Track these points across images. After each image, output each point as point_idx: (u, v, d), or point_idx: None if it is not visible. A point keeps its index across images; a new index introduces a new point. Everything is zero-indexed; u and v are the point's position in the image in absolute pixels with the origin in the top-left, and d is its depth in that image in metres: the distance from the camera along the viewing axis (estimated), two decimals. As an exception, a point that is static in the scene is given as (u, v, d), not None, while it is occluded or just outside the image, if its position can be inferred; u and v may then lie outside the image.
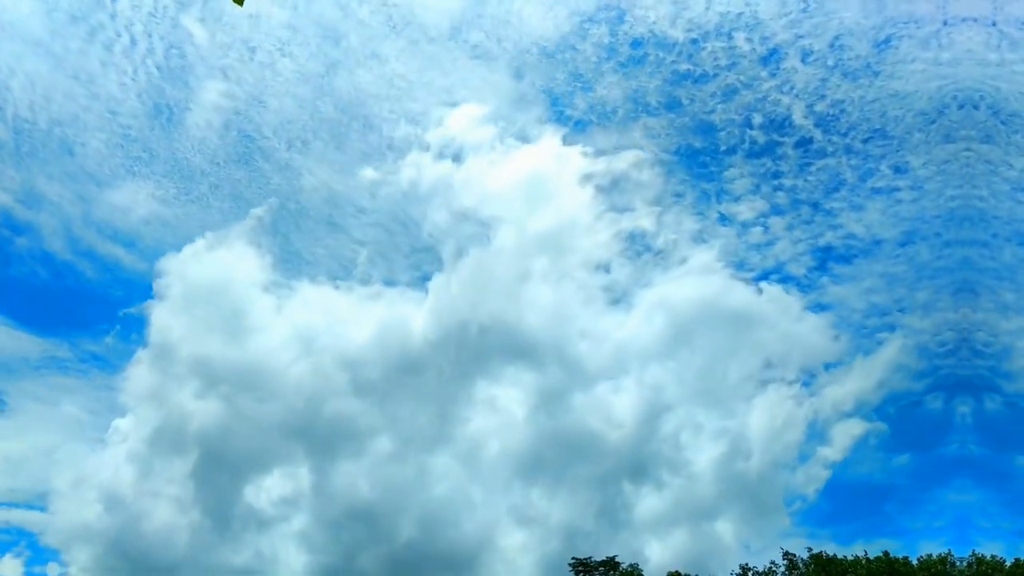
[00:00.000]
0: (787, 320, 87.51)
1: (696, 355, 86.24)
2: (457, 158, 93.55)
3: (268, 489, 78.10)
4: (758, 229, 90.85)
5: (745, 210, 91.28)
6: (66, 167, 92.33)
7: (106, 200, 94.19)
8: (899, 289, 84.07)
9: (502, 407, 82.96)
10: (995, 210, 73.81)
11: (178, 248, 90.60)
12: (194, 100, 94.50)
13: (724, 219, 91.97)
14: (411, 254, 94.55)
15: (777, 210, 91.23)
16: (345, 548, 74.18)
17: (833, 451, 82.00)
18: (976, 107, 75.68)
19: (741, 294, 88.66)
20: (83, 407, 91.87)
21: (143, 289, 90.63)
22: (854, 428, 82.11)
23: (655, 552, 72.96)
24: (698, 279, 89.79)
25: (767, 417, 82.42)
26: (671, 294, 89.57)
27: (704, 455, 79.94)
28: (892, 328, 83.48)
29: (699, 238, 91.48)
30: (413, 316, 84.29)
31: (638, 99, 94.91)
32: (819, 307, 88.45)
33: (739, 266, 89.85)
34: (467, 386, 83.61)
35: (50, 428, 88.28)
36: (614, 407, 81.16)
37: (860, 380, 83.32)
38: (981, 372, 68.23)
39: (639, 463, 79.75)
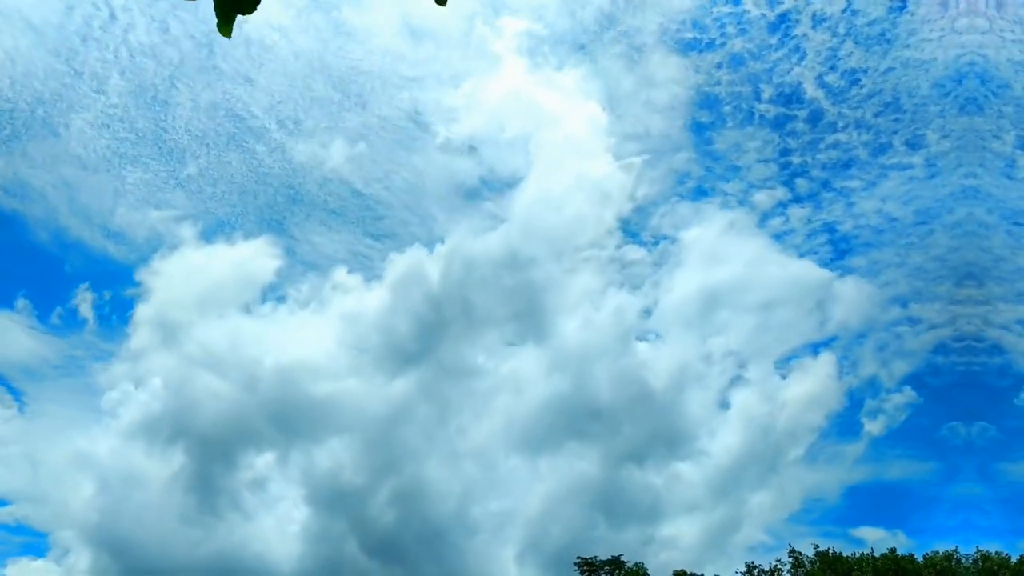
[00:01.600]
0: (805, 293, 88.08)
1: (720, 331, 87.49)
2: (462, 127, 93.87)
3: (263, 474, 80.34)
4: (766, 209, 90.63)
5: (753, 190, 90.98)
6: (51, 149, 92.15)
7: (93, 185, 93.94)
8: (910, 276, 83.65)
9: (510, 383, 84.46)
10: (988, 187, 73.08)
11: (169, 236, 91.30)
12: (179, 78, 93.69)
13: (731, 198, 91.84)
14: (415, 228, 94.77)
15: (788, 188, 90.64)
16: (340, 533, 76.03)
17: (867, 429, 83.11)
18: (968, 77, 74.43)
19: (758, 272, 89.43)
20: (81, 402, 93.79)
21: (137, 280, 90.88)
22: (886, 408, 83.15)
23: (667, 538, 74.47)
24: (708, 259, 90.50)
25: (797, 397, 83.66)
26: (684, 271, 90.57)
27: (727, 436, 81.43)
28: (911, 321, 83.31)
29: (706, 217, 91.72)
30: (420, 287, 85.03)
31: (641, 70, 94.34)
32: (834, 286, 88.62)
33: (750, 245, 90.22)
34: (475, 360, 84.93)
35: (56, 425, 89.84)
36: (632, 383, 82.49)
37: (893, 358, 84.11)
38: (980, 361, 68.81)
39: (656, 443, 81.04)
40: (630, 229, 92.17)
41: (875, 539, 77.82)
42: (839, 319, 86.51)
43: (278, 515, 79.09)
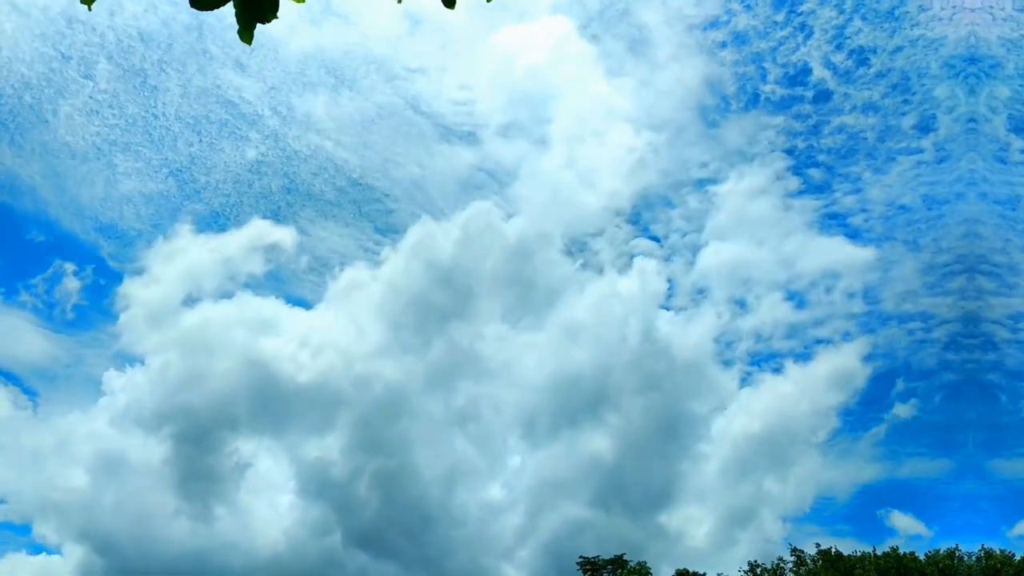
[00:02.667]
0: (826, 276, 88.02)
1: (741, 309, 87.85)
2: (466, 112, 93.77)
3: (256, 463, 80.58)
4: (776, 194, 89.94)
5: (761, 174, 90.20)
6: (39, 137, 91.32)
7: (84, 175, 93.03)
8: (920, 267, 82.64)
9: (515, 367, 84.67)
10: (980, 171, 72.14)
11: (161, 226, 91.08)
12: (168, 62, 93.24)
13: (740, 182, 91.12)
14: (417, 212, 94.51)
15: (797, 175, 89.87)
16: (332, 523, 75.93)
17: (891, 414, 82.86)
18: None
19: (772, 255, 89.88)
20: (85, 396, 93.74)
21: (128, 269, 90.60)
22: (901, 400, 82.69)
23: (677, 529, 74.35)
24: (723, 241, 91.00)
25: (815, 383, 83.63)
26: (702, 253, 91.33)
27: (742, 422, 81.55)
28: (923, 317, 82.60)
29: (714, 201, 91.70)
30: (426, 269, 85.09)
31: (643, 49, 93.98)
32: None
33: (762, 227, 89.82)
34: (481, 343, 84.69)
35: (64, 422, 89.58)
36: (640, 369, 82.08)
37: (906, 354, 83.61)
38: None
39: (668, 430, 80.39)
40: (642, 215, 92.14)
41: (904, 526, 77.15)
42: (858, 305, 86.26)
43: (273, 505, 79.23)
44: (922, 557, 49.98)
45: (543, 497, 76.90)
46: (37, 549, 79.58)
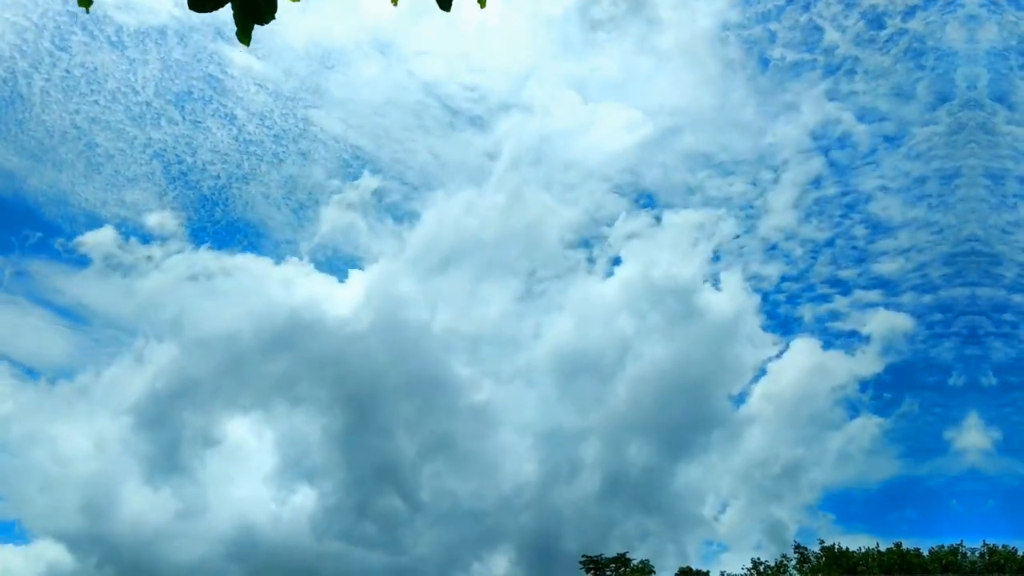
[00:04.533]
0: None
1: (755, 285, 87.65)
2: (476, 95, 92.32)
3: (243, 445, 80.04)
4: (793, 178, 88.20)
5: (772, 153, 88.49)
6: (16, 115, 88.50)
7: (62, 156, 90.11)
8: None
9: (523, 341, 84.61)
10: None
11: (150, 214, 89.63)
12: (147, 32, 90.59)
13: (751, 162, 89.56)
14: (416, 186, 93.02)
15: (810, 153, 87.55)
16: (314, 507, 75.53)
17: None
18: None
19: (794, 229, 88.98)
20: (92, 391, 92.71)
21: (118, 259, 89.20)
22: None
23: (688, 523, 73.87)
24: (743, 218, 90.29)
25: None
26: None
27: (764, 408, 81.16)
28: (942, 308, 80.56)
29: (725, 184, 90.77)
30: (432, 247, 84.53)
31: (642, 11, 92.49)
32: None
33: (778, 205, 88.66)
34: (487, 317, 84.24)
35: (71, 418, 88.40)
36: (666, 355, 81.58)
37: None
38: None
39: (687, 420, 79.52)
40: (656, 196, 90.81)
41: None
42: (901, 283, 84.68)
43: (256, 488, 78.60)
44: (926, 553, 50.09)
45: (546, 482, 76.54)
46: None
